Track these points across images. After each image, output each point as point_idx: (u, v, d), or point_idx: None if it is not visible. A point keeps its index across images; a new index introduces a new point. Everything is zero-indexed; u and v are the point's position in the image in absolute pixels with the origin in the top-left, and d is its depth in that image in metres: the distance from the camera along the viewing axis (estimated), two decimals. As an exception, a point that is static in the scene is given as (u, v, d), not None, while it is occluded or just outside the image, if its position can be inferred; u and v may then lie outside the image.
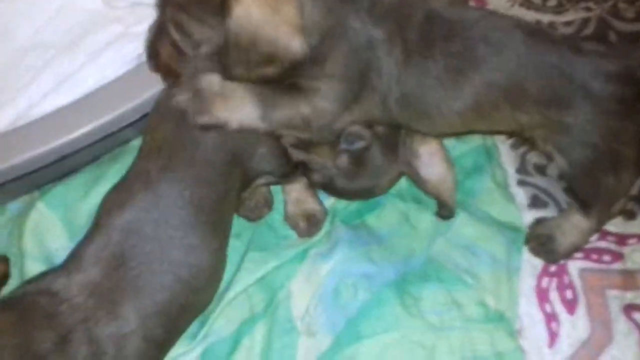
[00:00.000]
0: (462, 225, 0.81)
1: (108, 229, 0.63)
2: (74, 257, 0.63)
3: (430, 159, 0.77)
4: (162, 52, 0.68)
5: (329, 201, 0.85)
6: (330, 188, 0.80)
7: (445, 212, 0.79)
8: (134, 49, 0.90)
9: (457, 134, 0.82)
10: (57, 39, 0.94)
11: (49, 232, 0.79)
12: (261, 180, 0.78)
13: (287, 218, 0.83)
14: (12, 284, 0.77)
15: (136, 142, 0.85)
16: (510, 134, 0.86)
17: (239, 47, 0.61)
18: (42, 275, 0.64)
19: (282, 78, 0.65)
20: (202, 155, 0.68)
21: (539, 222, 0.82)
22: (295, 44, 0.62)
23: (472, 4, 1.01)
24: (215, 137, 0.69)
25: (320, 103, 0.67)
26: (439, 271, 0.77)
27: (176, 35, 0.65)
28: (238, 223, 0.81)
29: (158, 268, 0.63)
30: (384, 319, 0.73)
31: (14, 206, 0.84)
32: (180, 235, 0.64)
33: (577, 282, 0.79)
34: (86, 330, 0.57)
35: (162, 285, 0.62)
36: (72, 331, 0.57)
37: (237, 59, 0.63)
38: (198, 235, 0.66)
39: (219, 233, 0.69)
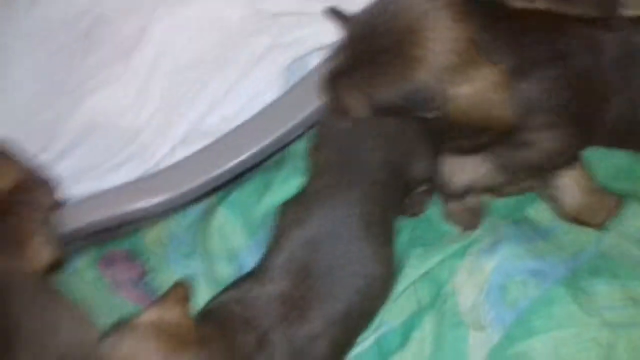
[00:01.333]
0: (635, 216, 0.78)
1: (291, 243, 0.70)
2: (263, 269, 0.70)
3: (571, 185, 0.78)
4: (345, 96, 0.69)
5: (486, 196, 0.86)
6: None
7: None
8: (284, 61, 0.95)
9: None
10: (209, 54, 0.99)
11: (231, 233, 0.88)
12: (422, 188, 0.81)
13: (448, 213, 0.85)
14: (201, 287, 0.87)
15: (297, 147, 0.90)
16: None
17: (453, 126, 0.65)
18: (234, 285, 0.73)
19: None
20: (367, 174, 0.72)
21: None
22: (506, 116, 0.64)
23: None
24: (378, 157, 0.73)
25: (545, 145, 0.70)
26: (612, 266, 0.76)
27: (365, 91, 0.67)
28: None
29: (337, 280, 0.68)
30: (557, 316, 0.73)
31: (192, 210, 0.94)
32: (355, 249, 0.70)
33: None
34: (282, 332, 0.64)
35: (342, 296, 0.68)
36: (270, 332, 0.64)
37: (451, 135, 0.67)
38: (370, 248, 0.71)
39: (388, 243, 0.74)
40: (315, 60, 0.95)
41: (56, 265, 0.74)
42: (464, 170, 0.76)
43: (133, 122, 0.99)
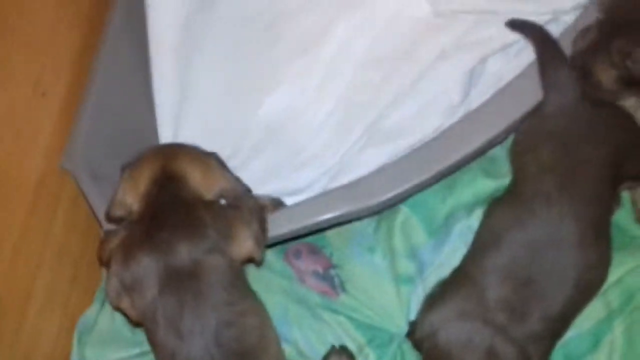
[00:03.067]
0: None
1: (510, 245, 0.70)
2: (481, 269, 0.71)
3: None
4: (599, 73, 0.72)
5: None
6: None
7: None
8: (469, 61, 0.95)
9: None
10: (390, 52, 1.01)
11: (412, 231, 0.92)
12: (625, 185, 0.80)
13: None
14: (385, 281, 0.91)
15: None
16: None
17: None
18: (447, 294, 0.74)
19: None
20: (593, 172, 0.72)
21: None
22: None
23: None
24: (604, 152, 0.72)
25: None
26: None
27: (620, 66, 0.70)
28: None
29: (558, 281, 0.69)
30: None
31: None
32: (580, 255, 0.69)
33: None
34: (505, 339, 0.67)
35: (562, 296, 0.69)
36: (495, 342, 0.67)
37: None
38: (596, 253, 0.71)
39: (609, 244, 0.74)
40: (495, 64, 0.95)
41: (252, 261, 0.82)
42: None
43: (312, 120, 1.03)
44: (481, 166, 0.90)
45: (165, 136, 1.06)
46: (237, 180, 0.85)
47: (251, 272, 0.88)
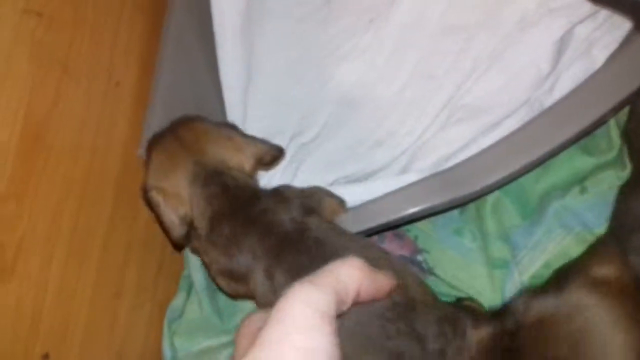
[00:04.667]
0: None
1: None
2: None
3: None
4: None
5: None
6: None
7: None
8: (558, 29, 0.87)
9: None
10: (466, 20, 0.95)
11: (504, 213, 0.88)
12: None
13: None
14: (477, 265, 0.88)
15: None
16: None
17: None
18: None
19: None
20: None
21: None
22: None
23: None
24: None
25: None
26: None
27: None
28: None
29: None
30: None
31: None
32: None
33: None
34: None
35: None
36: None
37: None
38: None
39: None
40: (585, 29, 0.87)
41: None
42: None
43: (384, 95, 0.98)
44: (580, 143, 0.84)
45: (234, 119, 1.03)
46: (264, 141, 0.83)
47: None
